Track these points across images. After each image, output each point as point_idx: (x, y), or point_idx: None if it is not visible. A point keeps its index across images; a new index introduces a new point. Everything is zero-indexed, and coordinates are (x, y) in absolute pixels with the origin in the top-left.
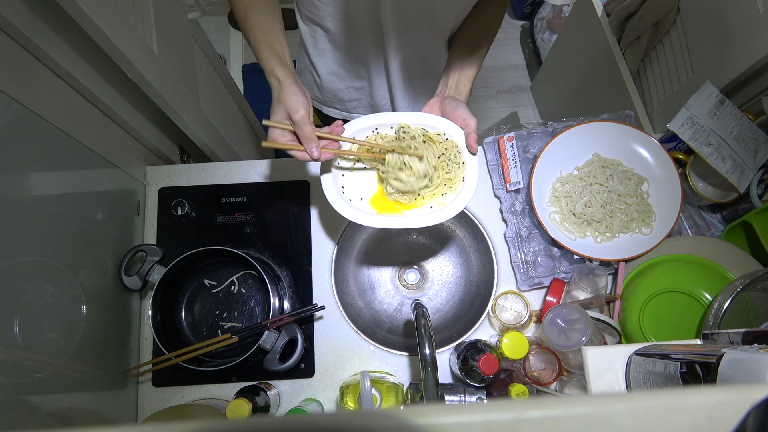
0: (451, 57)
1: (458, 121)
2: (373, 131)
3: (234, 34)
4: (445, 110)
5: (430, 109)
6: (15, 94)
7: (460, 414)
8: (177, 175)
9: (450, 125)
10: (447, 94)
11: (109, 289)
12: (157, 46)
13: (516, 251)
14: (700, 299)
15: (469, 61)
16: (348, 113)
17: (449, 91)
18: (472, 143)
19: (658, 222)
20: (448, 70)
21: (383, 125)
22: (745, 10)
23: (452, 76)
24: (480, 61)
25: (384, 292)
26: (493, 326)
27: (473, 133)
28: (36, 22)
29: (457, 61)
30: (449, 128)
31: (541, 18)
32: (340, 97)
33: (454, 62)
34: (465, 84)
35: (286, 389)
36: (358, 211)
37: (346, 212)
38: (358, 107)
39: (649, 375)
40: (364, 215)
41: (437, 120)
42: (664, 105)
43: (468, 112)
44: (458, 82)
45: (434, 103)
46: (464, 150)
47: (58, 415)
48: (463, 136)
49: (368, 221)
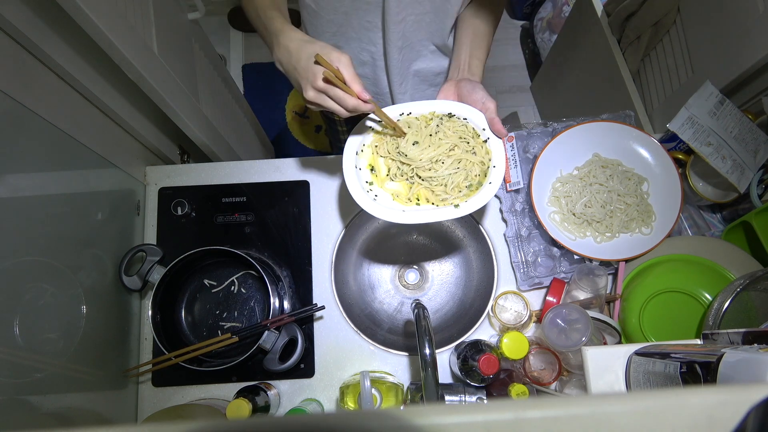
0: (460, 41)
1: (477, 105)
2: None
3: (234, 34)
4: (462, 93)
5: (445, 95)
6: (15, 94)
7: (460, 414)
8: (177, 175)
9: (469, 109)
10: (461, 77)
11: (109, 289)
12: (157, 46)
13: (516, 251)
14: (700, 299)
15: (479, 41)
16: None
17: (462, 74)
18: (499, 127)
19: (658, 222)
20: (458, 53)
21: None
22: (745, 10)
23: (463, 58)
24: (488, 45)
25: (384, 292)
26: (493, 326)
27: (496, 117)
28: (36, 22)
29: (466, 44)
30: (469, 112)
31: (540, 18)
32: None
33: (463, 45)
34: (477, 65)
35: (286, 389)
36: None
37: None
38: None
39: (649, 375)
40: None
41: (455, 105)
42: (664, 105)
43: (486, 93)
44: (470, 63)
45: (449, 87)
46: (489, 134)
47: (58, 415)
48: (485, 120)
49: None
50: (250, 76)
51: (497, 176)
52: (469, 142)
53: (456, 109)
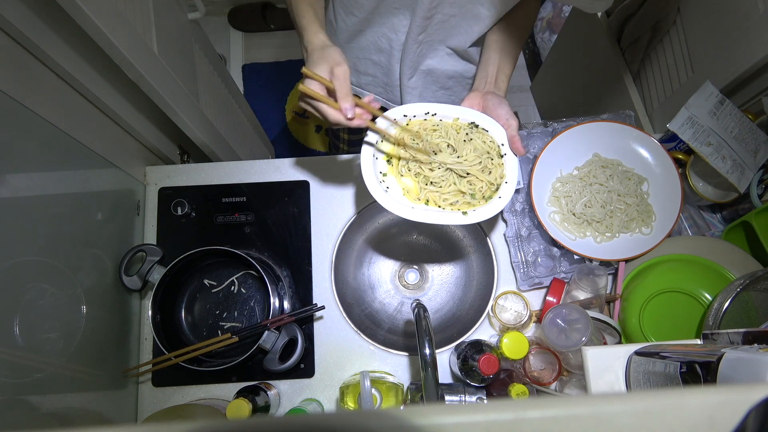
0: (488, 53)
1: (500, 120)
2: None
3: (234, 34)
4: (487, 106)
5: (470, 104)
6: (15, 94)
7: (460, 414)
8: (177, 175)
9: (492, 123)
10: (487, 90)
11: (109, 289)
12: (157, 46)
13: (516, 251)
14: (700, 299)
15: (506, 58)
16: (361, 89)
17: (489, 87)
18: (519, 146)
19: (658, 222)
20: (485, 65)
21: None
22: (745, 10)
23: (491, 71)
24: (516, 58)
25: (384, 292)
26: (493, 326)
27: (517, 135)
28: (36, 22)
29: (494, 57)
30: (491, 126)
31: (541, 18)
32: (356, 66)
33: (491, 58)
34: (503, 80)
35: (286, 389)
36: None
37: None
38: (371, 84)
39: (649, 375)
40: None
41: (480, 116)
42: (664, 105)
43: (510, 111)
44: (497, 78)
45: (475, 97)
46: (507, 150)
47: (58, 415)
48: (505, 136)
49: (410, 215)
50: (250, 76)
51: (507, 192)
52: (493, 159)
53: (480, 119)
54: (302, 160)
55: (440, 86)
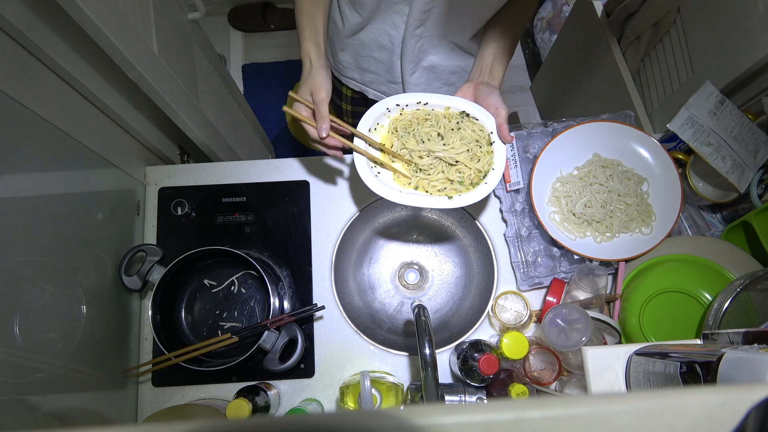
0: (484, 45)
1: (490, 109)
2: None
3: (234, 34)
4: (478, 96)
5: (463, 94)
6: (15, 94)
7: (460, 414)
8: (177, 175)
9: (482, 111)
10: (481, 80)
11: (109, 289)
12: (157, 46)
13: (516, 251)
14: (700, 299)
15: (504, 48)
16: (365, 86)
17: (483, 77)
18: (506, 134)
19: (658, 222)
20: (481, 56)
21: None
22: (745, 10)
23: (486, 62)
24: (513, 50)
25: (384, 292)
26: (493, 326)
27: (505, 123)
28: (36, 22)
29: (492, 48)
30: (481, 114)
31: (540, 18)
32: (359, 64)
33: (487, 49)
34: (499, 71)
35: (286, 389)
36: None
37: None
38: (375, 82)
39: (649, 375)
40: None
41: (470, 105)
42: (664, 105)
43: (500, 100)
44: (492, 68)
45: (468, 87)
46: (496, 138)
47: (58, 415)
48: (494, 124)
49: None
50: (250, 76)
51: (494, 178)
52: (482, 147)
53: (470, 108)
54: (302, 160)
55: (443, 82)
